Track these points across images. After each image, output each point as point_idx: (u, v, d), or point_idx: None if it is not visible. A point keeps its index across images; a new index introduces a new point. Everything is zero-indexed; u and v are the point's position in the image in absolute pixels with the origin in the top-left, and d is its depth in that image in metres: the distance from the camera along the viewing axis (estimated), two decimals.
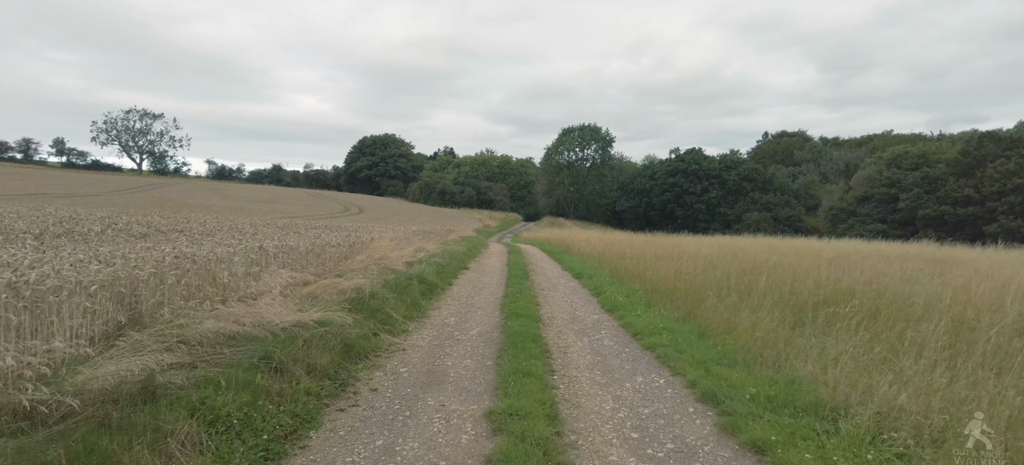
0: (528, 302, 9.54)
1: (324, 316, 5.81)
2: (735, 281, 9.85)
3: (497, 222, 68.11)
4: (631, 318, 8.11)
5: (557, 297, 10.78)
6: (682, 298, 9.09)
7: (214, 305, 5.49)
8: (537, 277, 14.06)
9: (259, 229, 13.74)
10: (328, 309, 6.06)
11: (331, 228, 18.66)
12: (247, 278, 6.32)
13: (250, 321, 4.97)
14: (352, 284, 7.36)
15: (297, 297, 6.38)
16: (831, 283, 9.71)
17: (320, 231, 15.10)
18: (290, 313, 5.49)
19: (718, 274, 11.21)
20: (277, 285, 6.37)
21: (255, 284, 6.19)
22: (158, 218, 16.17)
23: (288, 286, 6.80)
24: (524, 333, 6.99)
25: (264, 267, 7.71)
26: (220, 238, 9.48)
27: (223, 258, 6.29)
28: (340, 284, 7.13)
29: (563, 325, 8.08)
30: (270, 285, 6.30)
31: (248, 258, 7.52)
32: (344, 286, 7.11)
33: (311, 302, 6.30)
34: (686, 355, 5.99)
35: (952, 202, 53.01)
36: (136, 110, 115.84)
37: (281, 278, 6.66)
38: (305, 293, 6.62)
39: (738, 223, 71.03)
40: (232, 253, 6.80)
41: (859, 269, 12.64)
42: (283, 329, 5.17)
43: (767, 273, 11.31)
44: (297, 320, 5.37)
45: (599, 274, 13.61)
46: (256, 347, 4.59)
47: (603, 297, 10.19)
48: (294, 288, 6.85)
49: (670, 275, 11.36)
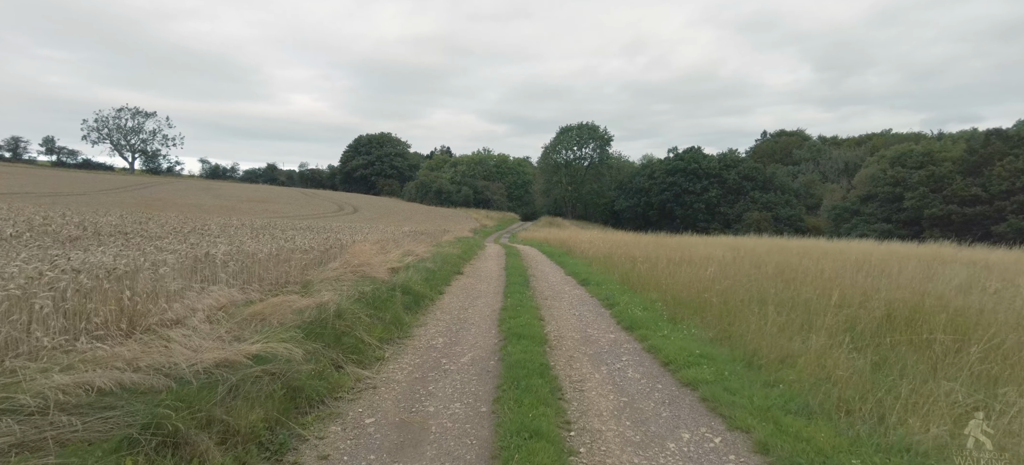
0: (530, 317, 8.13)
1: (266, 348, 4.39)
2: (772, 291, 8.48)
3: (494, 222, 66.69)
4: (656, 339, 6.71)
5: (563, 309, 9.38)
6: (713, 313, 7.70)
7: (116, 338, 4.07)
8: (538, 284, 12.66)
9: (228, 230, 12.30)
10: (274, 338, 4.64)
11: (315, 229, 17.22)
12: (167, 298, 4.87)
13: (149, 363, 3.56)
14: (314, 301, 5.93)
15: (235, 321, 4.97)
16: (879, 294, 8.36)
17: (298, 232, 13.66)
18: (215, 348, 4.08)
19: (744, 281, 9.84)
20: (206, 306, 4.93)
21: (178, 305, 4.76)
22: (116, 218, 14.70)
23: (224, 307, 5.37)
24: (528, 362, 5.59)
25: (210, 280, 6.28)
26: (166, 242, 8.05)
27: (138, 270, 4.83)
28: (296, 302, 5.70)
29: (574, 348, 6.68)
30: (196, 306, 4.86)
31: (189, 269, 6.10)
32: (302, 304, 5.68)
33: (254, 328, 4.89)
34: (741, 397, 4.60)
35: (959, 201, 51.83)
36: (128, 108, 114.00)
37: (210, 298, 5.21)
38: (248, 314, 5.20)
39: (738, 223, 69.86)
40: (158, 263, 5.37)
41: (897, 276, 11.30)
42: (201, 372, 3.76)
43: (802, 282, 9.96)
44: (223, 357, 3.96)
45: (608, 281, 12.21)
46: (144, 406, 3.18)
47: (617, 310, 8.79)
48: (236, 308, 5.42)
49: (691, 282, 9.98)
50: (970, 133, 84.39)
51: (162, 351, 3.79)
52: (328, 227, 19.55)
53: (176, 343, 3.98)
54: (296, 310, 5.54)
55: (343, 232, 15.83)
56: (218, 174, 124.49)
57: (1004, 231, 46.70)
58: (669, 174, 77.96)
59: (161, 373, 3.53)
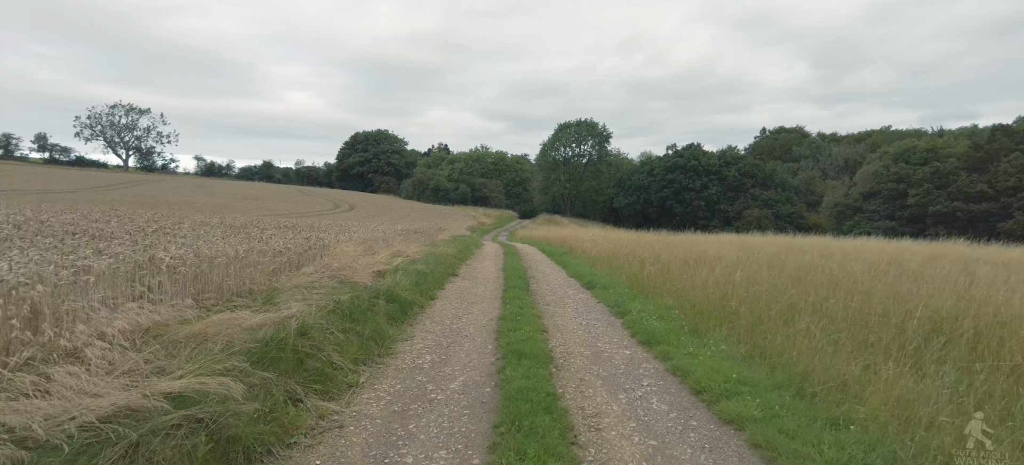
0: (532, 328, 7.14)
1: (193, 385, 3.39)
2: (801, 298, 7.51)
3: (492, 219, 65.69)
4: (681, 357, 5.72)
5: (568, 317, 8.39)
6: (742, 324, 6.72)
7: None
8: (539, 287, 11.67)
9: (202, 229, 11.27)
10: (209, 368, 3.64)
11: (301, 227, 16.18)
12: (66, 318, 3.83)
13: (16, 420, 2.56)
14: (275, 315, 4.92)
15: (165, 346, 3.97)
16: (915, 299, 7.42)
17: (280, 231, 12.63)
18: (118, 389, 3.09)
19: (766, 285, 8.87)
20: (118, 330, 3.88)
21: (83, 328, 3.72)
22: (77, 216, 13.67)
23: (154, 328, 4.34)
24: (531, 392, 4.60)
25: (153, 291, 5.26)
26: (114, 244, 7.03)
27: (35, 281, 3.80)
28: (248, 318, 4.68)
29: (584, 368, 5.69)
30: (107, 329, 3.83)
31: (126, 277, 5.08)
32: (257, 320, 4.67)
33: (188, 355, 3.88)
34: (804, 443, 3.60)
35: (964, 198, 50.96)
36: (121, 105, 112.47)
37: (126, 318, 4.14)
38: (185, 336, 4.19)
39: (738, 220, 69.03)
40: (81, 270, 4.35)
41: (929, 278, 10.34)
42: (87, 428, 2.77)
43: (829, 286, 8.99)
44: (128, 403, 2.97)
45: (615, 284, 11.23)
46: None
47: (630, 319, 7.80)
48: (170, 328, 4.40)
49: (709, 286, 9.00)
50: (971, 129, 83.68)
51: (29, 402, 2.79)
52: (317, 225, 18.52)
53: (60, 384, 2.99)
54: (249, 328, 4.53)
55: (330, 230, 14.81)
56: (213, 172, 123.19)
57: (1011, 228, 45.87)
58: (668, 171, 77.02)
59: (11, 440, 2.53)
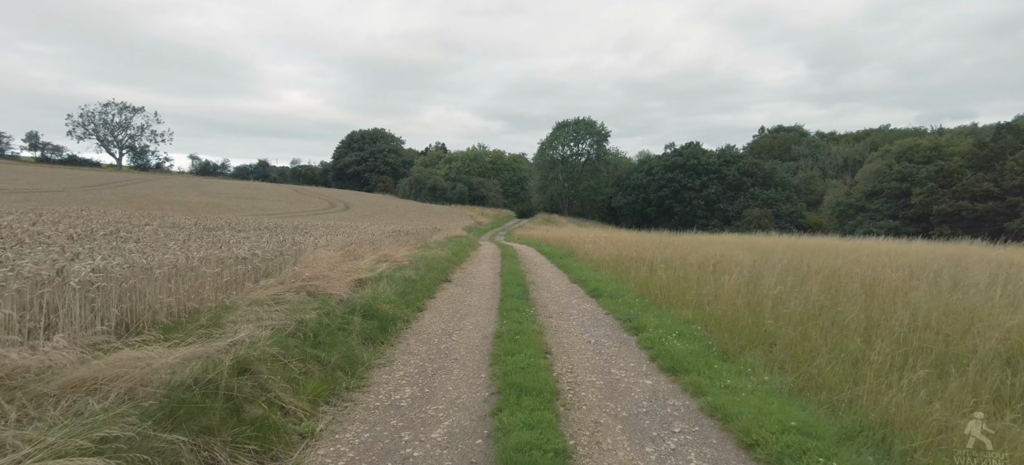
0: (532, 350, 6.06)
1: None
2: (846, 311, 6.47)
3: (490, 219, 64.63)
4: (717, 393, 4.66)
5: (573, 333, 7.33)
6: (782, 345, 5.67)
7: None
8: (540, 294, 10.61)
9: (161, 232, 10.18)
10: (72, 446, 2.57)
11: (283, 228, 15.10)
12: None
13: None
14: (200, 349, 3.85)
15: (17, 404, 2.89)
16: (968, 313, 6.43)
17: (255, 233, 11.54)
18: None
19: (799, 296, 7.83)
20: None
21: None
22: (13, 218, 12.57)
23: (17, 373, 3.24)
24: (535, 447, 3.53)
25: (53, 315, 4.18)
26: (15, 252, 5.93)
27: None
28: (164, 356, 3.59)
29: (598, 406, 4.63)
30: None
31: (20, 300, 4.01)
32: (173, 358, 3.58)
33: (56, 417, 2.81)
34: None
35: (970, 197, 50.05)
36: (115, 103, 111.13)
37: None
38: (58, 386, 3.11)
39: (738, 220, 68.14)
40: None
41: (971, 287, 9.32)
42: None
43: (863, 295, 7.96)
44: None
45: (623, 291, 10.17)
46: None
47: (646, 338, 6.73)
48: (46, 374, 3.29)
49: (731, 296, 7.95)
50: (971, 128, 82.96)
51: None
52: (302, 226, 17.43)
53: None
54: (165, 368, 3.45)
55: (314, 232, 13.71)
56: (208, 171, 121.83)
57: (1018, 227, 44.99)
58: (667, 170, 76.04)
59: None
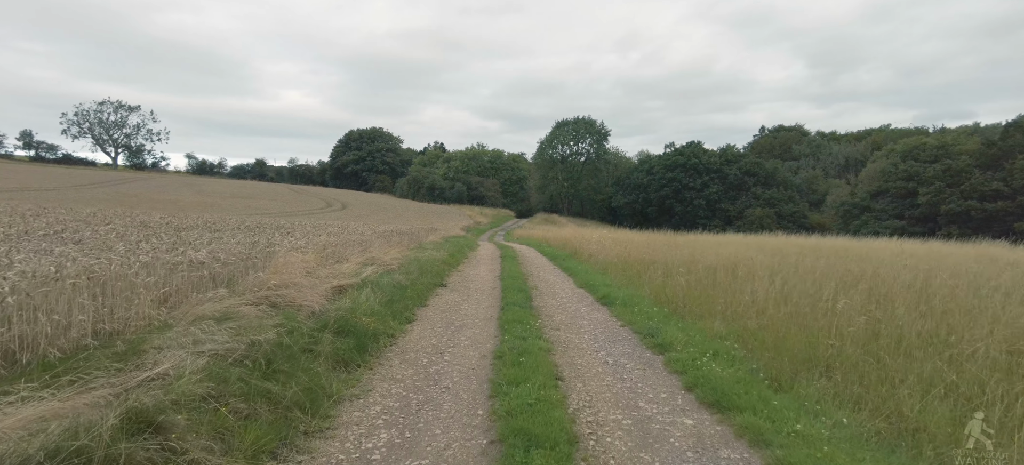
0: (541, 377, 4.99)
1: None
2: (902, 326, 5.43)
3: (489, 219, 63.58)
4: (785, 444, 3.59)
5: (586, 350, 6.27)
6: (842, 369, 4.62)
7: None
8: (545, 302, 9.55)
9: (113, 235, 9.13)
10: None
11: (262, 228, 14.02)
12: None
13: None
14: (87, 398, 2.78)
15: None
16: None
17: (228, 233, 10.48)
18: None
19: (847, 306, 6.78)
20: None
21: None
22: None
23: None
24: None
25: None
26: None
27: None
28: (18, 413, 2.52)
29: (630, 458, 3.58)
30: None
31: None
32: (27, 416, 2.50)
33: None
34: None
35: (979, 197, 49.07)
36: (110, 102, 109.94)
37: None
38: None
39: (740, 219, 67.18)
40: None
41: None
42: None
43: (927, 308, 6.93)
44: None
45: (636, 298, 9.10)
46: None
47: (675, 358, 5.66)
48: None
49: (765, 305, 6.91)
50: (973, 127, 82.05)
51: None
52: (289, 226, 16.37)
53: None
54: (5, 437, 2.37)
55: (301, 231, 12.64)
56: (205, 170, 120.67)
57: None
58: (668, 170, 75.02)
59: None
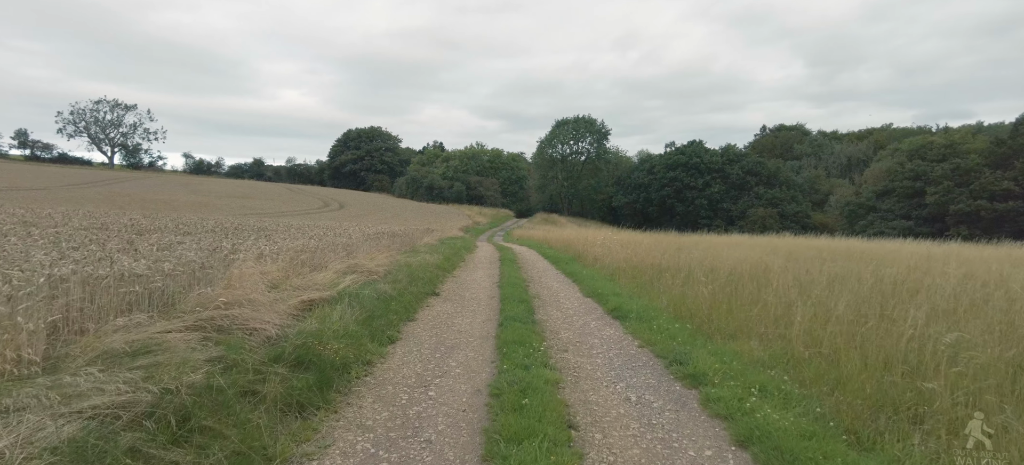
0: (549, 426, 3.90)
1: None
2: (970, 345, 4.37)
3: (488, 219, 62.51)
4: None
5: (602, 383, 5.21)
6: (935, 419, 3.57)
7: None
8: (549, 314, 8.48)
9: (43, 240, 8.07)
10: None
11: (241, 231, 12.96)
12: None
13: None
14: None
15: None
16: None
17: (200, 236, 9.41)
18: None
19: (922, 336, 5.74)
20: None
21: None
22: None
23: None
24: None
25: None
26: None
27: None
28: None
29: None
30: None
31: None
32: None
33: None
34: None
35: (989, 196, 48.02)
36: (106, 101, 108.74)
37: None
38: None
39: (742, 220, 66.20)
40: None
41: None
42: None
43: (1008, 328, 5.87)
44: None
45: (653, 311, 8.03)
46: None
47: (713, 394, 4.58)
48: None
49: (812, 325, 5.86)
50: (976, 126, 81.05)
51: None
52: (271, 227, 15.31)
53: None
54: None
55: (279, 233, 11.57)
56: (202, 169, 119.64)
57: None
58: (669, 169, 73.95)
59: None
